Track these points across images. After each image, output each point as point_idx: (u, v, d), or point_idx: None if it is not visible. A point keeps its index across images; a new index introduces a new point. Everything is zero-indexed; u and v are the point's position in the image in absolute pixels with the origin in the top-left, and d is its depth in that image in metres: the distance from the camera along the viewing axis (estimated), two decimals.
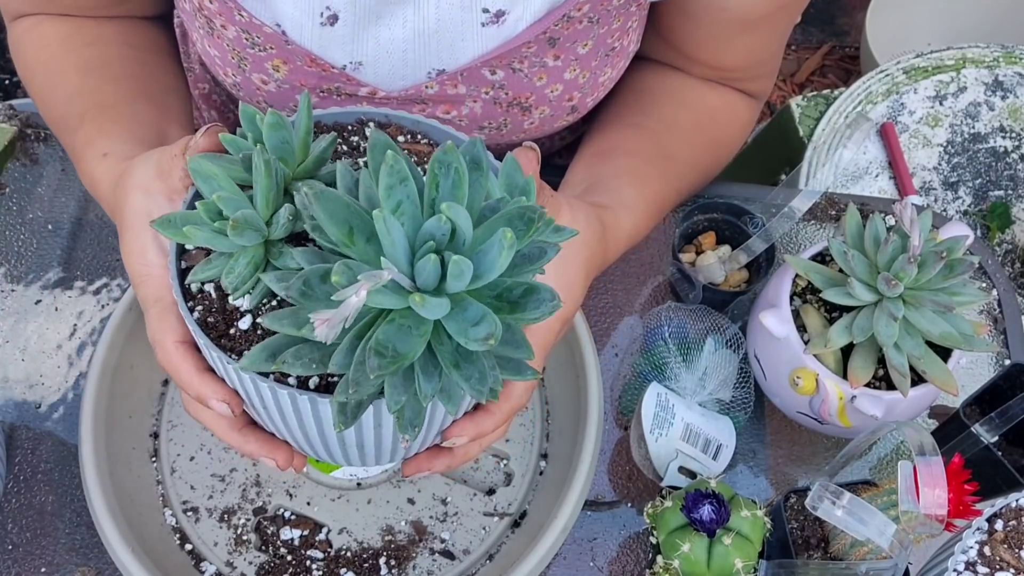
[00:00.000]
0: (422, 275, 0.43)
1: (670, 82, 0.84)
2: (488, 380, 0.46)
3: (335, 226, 0.43)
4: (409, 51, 0.70)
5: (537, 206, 0.45)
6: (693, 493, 0.67)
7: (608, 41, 0.74)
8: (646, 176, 0.77)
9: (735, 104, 0.85)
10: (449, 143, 0.44)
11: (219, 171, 0.49)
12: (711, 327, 0.77)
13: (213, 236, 0.49)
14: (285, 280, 0.46)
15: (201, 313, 0.52)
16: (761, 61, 0.83)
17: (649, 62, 0.86)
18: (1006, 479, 0.67)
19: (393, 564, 0.70)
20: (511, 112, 0.75)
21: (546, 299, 0.45)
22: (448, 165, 0.44)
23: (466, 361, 0.46)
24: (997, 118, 1.24)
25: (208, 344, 0.51)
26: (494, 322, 0.43)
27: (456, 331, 0.44)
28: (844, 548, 0.69)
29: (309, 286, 0.44)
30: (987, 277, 0.88)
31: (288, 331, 0.46)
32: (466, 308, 0.44)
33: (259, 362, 0.47)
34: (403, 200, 0.44)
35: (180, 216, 0.50)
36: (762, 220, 0.81)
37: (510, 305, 0.46)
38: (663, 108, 0.82)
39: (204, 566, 0.69)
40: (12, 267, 0.82)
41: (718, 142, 0.85)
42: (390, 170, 0.43)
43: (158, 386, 0.76)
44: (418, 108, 0.74)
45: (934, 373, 0.68)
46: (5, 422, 0.75)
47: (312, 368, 0.46)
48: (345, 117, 0.60)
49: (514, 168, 0.51)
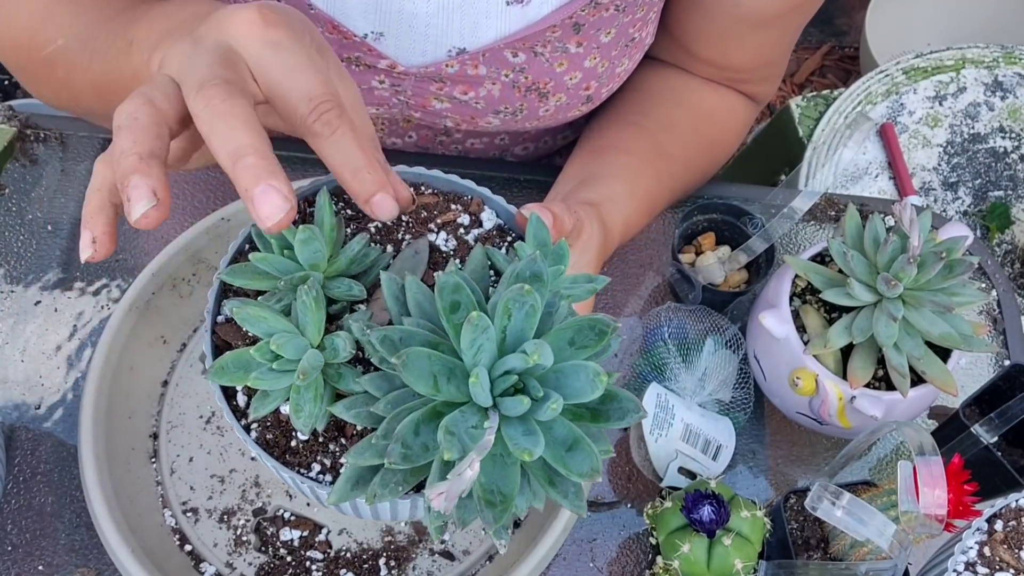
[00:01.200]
0: (511, 410, 0.44)
1: (671, 82, 0.84)
2: (583, 494, 0.46)
3: (423, 383, 0.44)
4: (432, 26, 0.70)
5: (608, 320, 0.45)
6: (693, 494, 0.67)
7: (630, 31, 0.74)
8: (639, 174, 0.77)
9: (734, 106, 0.85)
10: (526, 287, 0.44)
11: (268, 314, 0.49)
12: (711, 328, 0.77)
13: (275, 377, 0.48)
14: (354, 408, 0.47)
15: (259, 431, 0.52)
16: (769, 63, 0.83)
17: (653, 61, 0.86)
18: (1006, 479, 0.67)
19: (393, 565, 0.70)
20: (528, 97, 0.75)
21: (630, 409, 0.46)
22: (524, 303, 0.44)
23: (559, 477, 0.46)
24: (997, 118, 1.24)
25: (277, 466, 0.50)
26: (591, 453, 0.44)
27: (552, 458, 0.44)
28: (844, 548, 0.69)
29: (407, 446, 0.44)
30: (986, 277, 0.88)
31: (371, 463, 0.46)
32: (552, 429, 0.45)
33: (346, 494, 0.47)
34: (483, 344, 0.44)
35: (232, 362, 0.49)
36: (762, 221, 0.81)
37: (591, 412, 0.46)
38: (661, 108, 0.83)
39: (204, 567, 0.69)
40: (11, 268, 0.82)
41: (715, 143, 0.85)
42: (474, 328, 0.43)
43: (158, 387, 0.76)
44: (436, 86, 0.74)
45: (934, 373, 0.68)
46: (5, 423, 0.75)
47: (399, 491, 0.47)
48: None
49: (539, 226, 0.52)
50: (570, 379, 0.44)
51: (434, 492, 0.41)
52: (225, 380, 0.49)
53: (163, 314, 0.76)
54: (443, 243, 0.56)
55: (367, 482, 0.47)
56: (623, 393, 0.46)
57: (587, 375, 0.43)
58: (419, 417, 0.44)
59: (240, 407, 0.52)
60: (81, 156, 0.87)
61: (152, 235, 0.83)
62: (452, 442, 0.42)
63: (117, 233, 0.49)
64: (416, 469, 0.46)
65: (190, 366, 0.76)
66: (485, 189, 0.58)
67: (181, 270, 0.76)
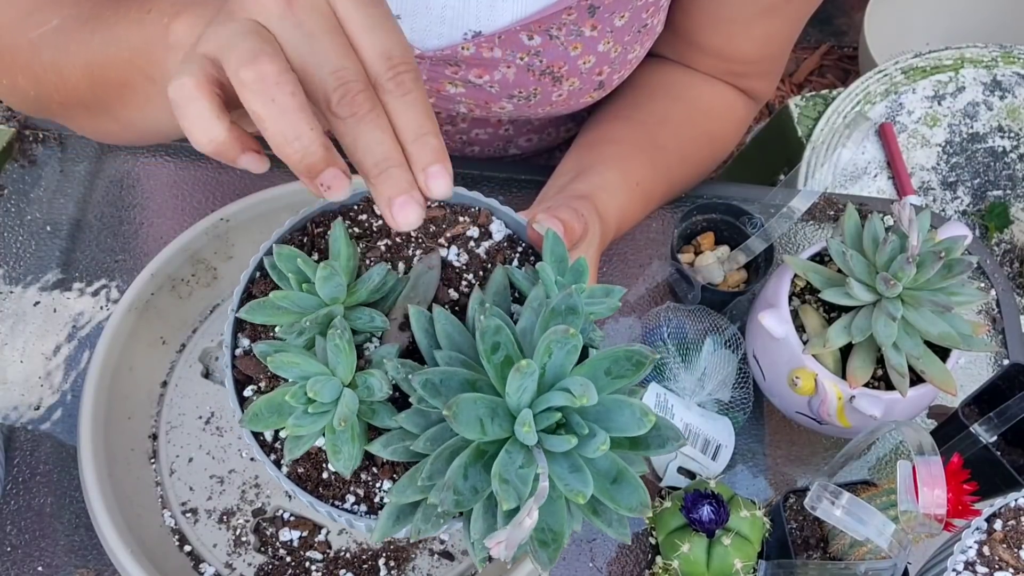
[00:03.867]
0: (557, 447, 0.44)
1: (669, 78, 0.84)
2: (626, 522, 0.47)
3: (471, 429, 0.44)
4: (448, 8, 0.70)
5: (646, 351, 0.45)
6: (692, 493, 0.67)
7: (643, 16, 0.74)
8: (632, 162, 0.77)
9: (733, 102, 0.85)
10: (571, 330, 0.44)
11: (299, 359, 0.48)
12: (710, 327, 0.77)
13: (311, 419, 0.48)
14: (391, 444, 0.47)
15: (290, 466, 0.51)
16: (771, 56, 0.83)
17: (653, 59, 0.86)
18: (1005, 479, 0.67)
19: (392, 565, 0.70)
20: (542, 81, 0.75)
21: (670, 438, 0.46)
22: (566, 344, 0.44)
23: (602, 507, 0.46)
24: (995, 118, 1.24)
25: (313, 502, 0.50)
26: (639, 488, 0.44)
27: (598, 491, 0.44)
28: (843, 548, 0.69)
29: (458, 492, 0.44)
30: (985, 277, 0.88)
31: (413, 499, 0.46)
32: (595, 461, 0.45)
33: (389, 530, 0.48)
34: (528, 385, 0.44)
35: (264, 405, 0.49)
36: (761, 220, 0.81)
37: (631, 441, 0.46)
38: (656, 102, 0.83)
39: (203, 567, 0.69)
40: (11, 269, 0.82)
41: (713, 137, 0.85)
42: (523, 375, 0.43)
43: (157, 388, 0.76)
44: (451, 70, 0.74)
45: (933, 373, 0.68)
46: (4, 424, 0.75)
47: (440, 525, 0.47)
48: (351, 198, 0.59)
49: (556, 242, 0.52)
50: (614, 415, 0.44)
51: (493, 542, 0.41)
52: (260, 426, 0.49)
53: (162, 315, 0.76)
54: (455, 258, 0.55)
55: (408, 516, 0.47)
56: (663, 421, 0.46)
57: (633, 413, 0.44)
58: (466, 460, 0.44)
59: (267, 440, 0.52)
60: (80, 157, 0.87)
61: (151, 235, 0.83)
62: (508, 491, 0.43)
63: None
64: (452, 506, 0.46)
65: (189, 367, 0.76)
66: (493, 200, 0.57)
67: (180, 271, 0.76)
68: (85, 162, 0.87)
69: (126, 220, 0.84)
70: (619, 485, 0.45)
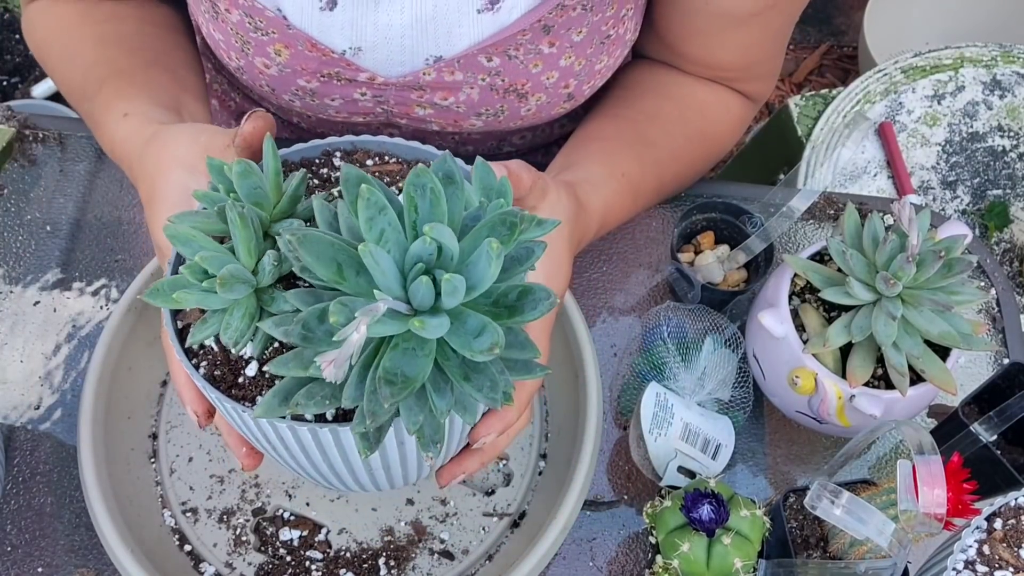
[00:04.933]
0: (417, 297, 0.44)
1: (660, 78, 0.84)
2: (500, 386, 0.46)
3: (323, 266, 0.44)
4: (407, 37, 0.71)
5: (517, 209, 0.46)
6: (692, 493, 0.67)
7: (603, 29, 0.74)
8: (617, 156, 0.77)
9: (728, 101, 0.85)
10: (420, 165, 0.45)
11: (196, 232, 0.50)
12: (710, 327, 0.77)
13: (204, 296, 0.49)
14: (284, 324, 0.47)
15: (207, 368, 0.52)
16: (757, 62, 0.83)
17: (646, 59, 0.86)
18: (1005, 478, 0.67)
19: (392, 564, 0.70)
20: (508, 99, 0.76)
21: (542, 298, 0.46)
22: (423, 186, 0.45)
23: (475, 372, 0.46)
24: (995, 117, 1.24)
25: (220, 397, 0.51)
26: (495, 331, 0.44)
27: (460, 345, 0.44)
28: (843, 547, 0.69)
29: (308, 328, 0.44)
30: (985, 276, 0.88)
31: (295, 373, 0.46)
32: (465, 321, 0.45)
33: (273, 408, 0.47)
34: (385, 228, 0.44)
35: (167, 283, 0.50)
36: (760, 219, 0.81)
37: (508, 310, 0.46)
38: (646, 100, 0.83)
39: (203, 567, 0.69)
40: (10, 269, 0.82)
41: (707, 136, 0.85)
42: (367, 203, 0.43)
43: (157, 387, 0.76)
44: (416, 94, 0.75)
45: (933, 372, 0.68)
46: (4, 423, 0.75)
47: (325, 405, 0.47)
48: (310, 151, 0.60)
49: (485, 171, 0.51)
50: (475, 264, 0.44)
51: (325, 359, 0.41)
52: (159, 301, 0.50)
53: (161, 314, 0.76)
54: None
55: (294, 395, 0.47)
56: (536, 286, 0.46)
57: (486, 252, 0.43)
58: (324, 308, 0.44)
59: (193, 349, 0.53)
60: (80, 156, 0.87)
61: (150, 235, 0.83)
62: (341, 310, 0.42)
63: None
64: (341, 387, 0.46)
65: None
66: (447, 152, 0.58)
67: None
68: (85, 162, 0.87)
69: (126, 220, 0.84)
70: (481, 337, 0.44)
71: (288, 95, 0.77)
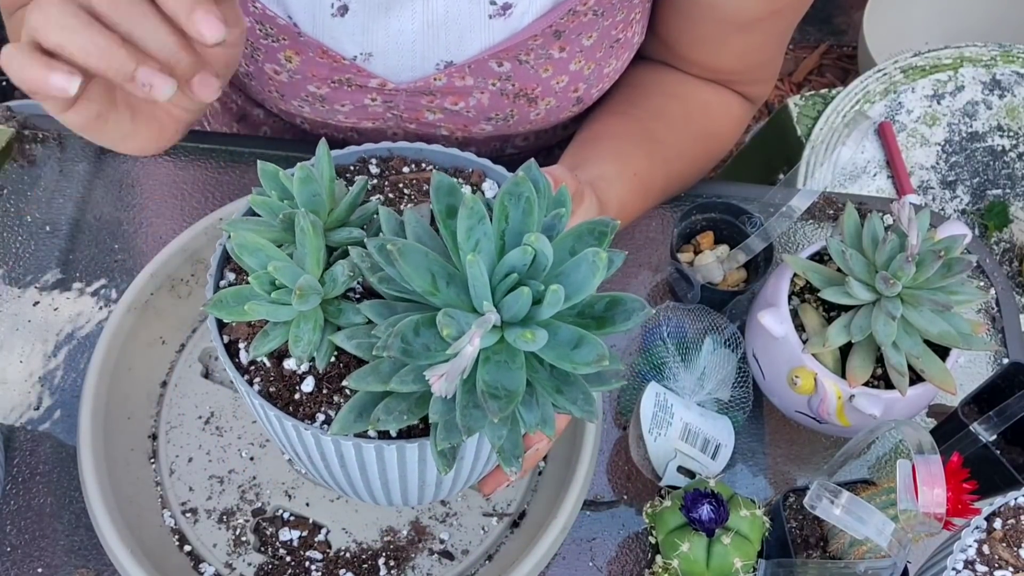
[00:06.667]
0: (512, 308, 0.43)
1: (664, 77, 0.84)
2: (592, 398, 0.45)
3: (420, 277, 0.43)
4: (418, 43, 0.70)
5: (608, 219, 0.45)
6: (692, 493, 0.67)
7: (612, 33, 0.74)
8: (629, 155, 0.77)
9: (729, 101, 0.86)
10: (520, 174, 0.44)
11: (265, 242, 0.48)
12: (709, 327, 0.77)
13: (274, 308, 0.47)
14: (356, 337, 0.46)
15: (261, 384, 0.51)
16: (758, 65, 0.83)
17: (648, 60, 0.86)
18: (1005, 478, 0.67)
19: (392, 565, 0.70)
20: (517, 103, 0.76)
21: (635, 309, 0.45)
22: (520, 195, 0.44)
23: (567, 384, 0.45)
24: (995, 117, 1.24)
25: (280, 416, 0.49)
26: (597, 343, 0.43)
27: (556, 358, 0.43)
28: (843, 547, 0.69)
29: (407, 341, 0.43)
30: (985, 276, 0.88)
31: (374, 388, 0.45)
32: (557, 332, 0.44)
33: (349, 425, 0.46)
34: (481, 238, 0.43)
35: (231, 294, 0.48)
36: (760, 219, 0.81)
37: (596, 320, 0.46)
38: (652, 99, 0.83)
39: (203, 567, 0.69)
40: (10, 269, 0.82)
41: (710, 134, 0.85)
42: (470, 212, 0.43)
43: (156, 388, 0.76)
44: (427, 99, 0.75)
45: (932, 372, 0.68)
46: (3, 424, 0.75)
47: (404, 420, 0.46)
48: (346, 158, 0.59)
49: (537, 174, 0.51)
50: (571, 274, 0.43)
51: (434, 374, 0.40)
52: (223, 313, 0.48)
53: (161, 315, 0.76)
54: None
55: (371, 411, 0.46)
56: (627, 296, 0.45)
57: (587, 262, 0.42)
58: (420, 319, 0.43)
59: (243, 365, 0.51)
60: (79, 156, 0.87)
61: (150, 236, 0.83)
62: (451, 322, 0.41)
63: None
64: (421, 400, 0.45)
65: (189, 367, 0.76)
66: (486, 160, 0.57)
67: (179, 271, 0.76)
68: (84, 162, 0.87)
69: (125, 220, 0.84)
70: (579, 349, 0.43)
71: (298, 101, 0.77)
